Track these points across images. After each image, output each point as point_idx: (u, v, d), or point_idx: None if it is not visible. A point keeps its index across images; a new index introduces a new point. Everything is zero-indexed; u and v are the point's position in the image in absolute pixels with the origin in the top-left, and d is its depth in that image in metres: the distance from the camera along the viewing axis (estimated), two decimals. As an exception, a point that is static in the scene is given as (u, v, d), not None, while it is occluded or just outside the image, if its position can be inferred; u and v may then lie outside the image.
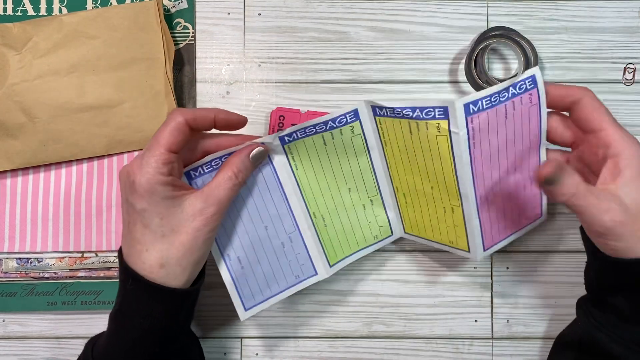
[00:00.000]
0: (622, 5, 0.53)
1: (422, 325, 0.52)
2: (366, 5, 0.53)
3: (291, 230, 0.46)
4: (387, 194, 0.48)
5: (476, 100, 0.39)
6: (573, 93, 0.41)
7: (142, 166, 0.38)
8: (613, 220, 0.38)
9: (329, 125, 0.43)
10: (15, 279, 0.50)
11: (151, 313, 0.39)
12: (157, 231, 0.39)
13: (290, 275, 0.46)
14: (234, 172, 0.40)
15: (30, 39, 0.49)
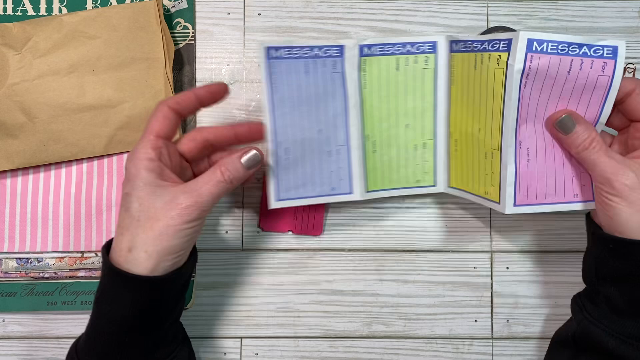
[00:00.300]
0: (622, 5, 0.53)
1: (422, 325, 0.52)
2: (366, 5, 0.53)
3: (341, 143, 0.46)
4: (441, 141, 0.48)
5: (542, 40, 0.39)
6: (627, 84, 0.42)
7: (132, 152, 0.40)
8: (621, 182, 0.39)
9: (406, 49, 0.44)
10: (15, 279, 0.50)
11: (118, 300, 0.39)
12: (134, 215, 0.39)
13: (328, 184, 0.46)
14: (222, 171, 0.40)
15: (30, 38, 0.49)
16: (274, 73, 0.43)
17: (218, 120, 0.52)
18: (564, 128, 0.41)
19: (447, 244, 0.52)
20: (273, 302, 0.52)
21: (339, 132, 0.45)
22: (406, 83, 0.46)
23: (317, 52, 0.43)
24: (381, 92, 0.46)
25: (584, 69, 0.40)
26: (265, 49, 0.42)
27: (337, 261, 0.52)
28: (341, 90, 0.45)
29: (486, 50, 0.41)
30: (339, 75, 0.44)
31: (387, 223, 0.52)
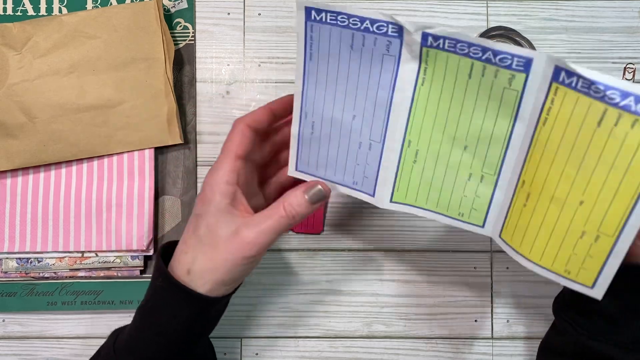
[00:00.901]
0: (622, 5, 0.53)
1: (422, 325, 0.52)
2: (366, 6, 0.53)
3: (376, 139, 0.39)
4: (506, 180, 0.37)
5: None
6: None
7: (213, 172, 0.39)
8: None
9: (486, 56, 0.34)
10: (15, 279, 0.50)
11: (175, 314, 0.39)
12: (201, 239, 0.39)
13: (350, 176, 0.41)
14: (284, 206, 0.39)
15: (30, 38, 0.49)
16: (312, 38, 0.37)
17: (217, 120, 0.52)
18: None
19: (447, 244, 0.52)
20: (273, 302, 0.52)
21: (375, 126, 0.39)
22: (477, 96, 0.35)
23: (367, 26, 0.35)
24: (443, 96, 0.36)
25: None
26: (304, 8, 0.36)
27: (337, 261, 0.52)
28: (390, 78, 0.37)
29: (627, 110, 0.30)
30: (392, 59, 0.36)
31: (387, 223, 0.52)
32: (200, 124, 0.52)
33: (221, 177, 0.39)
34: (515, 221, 0.37)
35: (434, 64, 0.35)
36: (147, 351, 0.40)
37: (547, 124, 0.34)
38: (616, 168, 0.32)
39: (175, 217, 0.51)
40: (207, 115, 0.52)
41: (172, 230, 0.51)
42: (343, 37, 0.36)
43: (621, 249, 0.33)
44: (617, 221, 0.33)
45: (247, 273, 0.40)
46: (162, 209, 0.51)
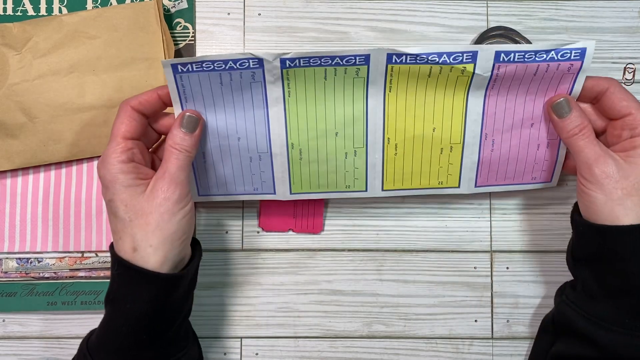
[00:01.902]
0: (622, 5, 0.53)
1: (422, 325, 0.52)
2: (366, 5, 0.53)
3: (263, 150, 0.46)
4: (373, 148, 0.47)
5: (509, 52, 0.40)
6: (601, 83, 0.43)
7: (104, 159, 0.40)
8: (600, 169, 0.40)
9: (335, 61, 0.42)
10: (15, 279, 0.50)
11: (136, 298, 0.39)
12: (124, 218, 0.40)
13: (250, 185, 0.48)
14: (171, 145, 0.41)
15: (30, 39, 0.49)
16: (183, 85, 0.42)
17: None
18: (560, 111, 0.43)
19: (447, 244, 0.52)
20: (273, 302, 0.52)
21: (260, 140, 0.46)
22: (334, 92, 0.44)
23: (231, 65, 0.41)
24: (307, 101, 0.45)
25: (550, 70, 0.42)
26: (170, 66, 0.41)
27: (337, 261, 0.52)
28: (262, 98, 0.44)
29: (447, 63, 0.42)
30: (259, 84, 0.43)
31: (387, 223, 0.52)
32: (200, 124, 0.52)
33: (113, 159, 0.40)
34: (392, 170, 0.48)
35: (294, 79, 0.43)
36: (117, 342, 0.40)
37: (391, 90, 0.44)
38: (447, 97, 0.44)
39: (175, 217, 0.51)
40: (207, 115, 0.52)
41: (172, 230, 0.51)
42: (211, 78, 0.42)
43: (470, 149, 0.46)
44: (460, 131, 0.46)
45: (189, 225, 0.41)
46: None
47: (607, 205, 0.40)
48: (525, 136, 0.46)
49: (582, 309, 0.42)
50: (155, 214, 0.39)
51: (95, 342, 0.41)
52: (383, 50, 0.42)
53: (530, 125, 0.46)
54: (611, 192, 0.40)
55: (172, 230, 0.39)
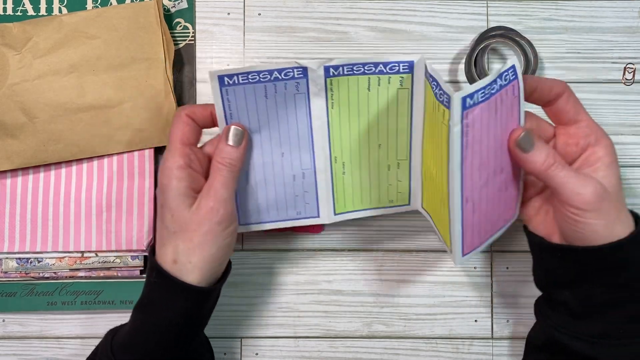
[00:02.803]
0: (622, 5, 0.53)
1: (422, 325, 0.52)
2: (366, 5, 0.53)
3: (307, 167, 0.45)
4: (416, 161, 0.46)
5: (473, 93, 0.37)
6: (557, 85, 0.41)
7: (162, 163, 0.41)
8: (595, 194, 0.38)
9: (378, 69, 0.41)
10: (15, 279, 0.50)
11: (170, 307, 0.40)
12: (169, 228, 0.40)
13: (292, 209, 0.46)
14: (218, 161, 0.41)
15: (30, 39, 0.49)
16: (229, 99, 0.41)
17: (218, 120, 0.52)
18: (525, 145, 0.39)
19: (447, 244, 0.52)
20: (273, 302, 0.52)
21: (303, 156, 0.44)
22: (378, 103, 0.43)
23: (277, 75, 0.41)
24: (350, 112, 0.44)
25: (503, 100, 0.39)
26: (216, 77, 0.40)
27: (337, 261, 0.52)
28: (305, 111, 0.43)
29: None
30: (303, 96, 0.42)
31: (387, 223, 0.52)
32: (200, 124, 0.52)
33: (171, 163, 0.40)
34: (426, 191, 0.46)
35: (338, 89, 0.42)
36: (144, 348, 0.40)
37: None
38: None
39: (175, 217, 0.51)
40: (207, 115, 0.52)
41: (172, 230, 0.51)
42: (257, 91, 0.41)
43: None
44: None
45: (229, 248, 0.41)
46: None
47: (608, 228, 0.38)
48: (498, 184, 0.42)
49: (573, 331, 0.41)
50: (199, 232, 0.39)
51: (120, 344, 0.41)
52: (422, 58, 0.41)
53: (501, 171, 0.42)
54: (609, 214, 0.38)
55: (212, 251, 0.40)
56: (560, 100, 0.41)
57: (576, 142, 0.41)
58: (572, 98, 0.41)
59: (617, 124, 0.52)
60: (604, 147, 0.41)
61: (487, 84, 0.38)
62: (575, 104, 0.41)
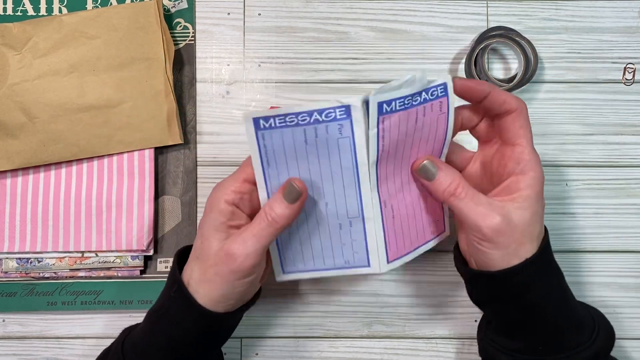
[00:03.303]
0: (622, 5, 0.53)
1: (422, 325, 0.52)
2: (366, 5, 0.53)
3: (354, 215, 0.40)
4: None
5: (390, 100, 0.36)
6: (511, 102, 0.40)
7: (218, 187, 0.40)
8: (490, 227, 0.38)
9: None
10: (15, 279, 0.50)
11: (184, 323, 0.40)
12: (196, 250, 0.40)
13: (340, 257, 0.42)
14: (265, 211, 0.38)
15: (30, 39, 0.49)
16: (265, 145, 0.38)
17: (217, 120, 0.52)
18: (427, 174, 0.40)
19: (447, 244, 0.52)
20: (273, 302, 0.52)
21: (350, 203, 0.40)
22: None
23: (317, 117, 0.37)
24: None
25: (427, 114, 0.39)
26: (252, 120, 0.37)
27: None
28: (350, 157, 0.38)
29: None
30: (347, 140, 0.38)
31: (387, 223, 0.52)
32: (200, 124, 0.52)
33: (222, 195, 0.39)
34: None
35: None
36: (154, 356, 0.40)
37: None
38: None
39: (175, 217, 0.51)
40: (207, 115, 0.52)
41: (172, 230, 0.51)
42: (295, 135, 0.37)
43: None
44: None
45: (245, 291, 0.40)
46: (162, 209, 0.51)
47: (504, 259, 0.39)
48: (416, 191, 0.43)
49: (500, 345, 0.42)
50: (212, 271, 0.39)
51: (130, 348, 0.41)
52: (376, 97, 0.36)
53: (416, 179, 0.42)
54: (507, 247, 0.38)
55: (221, 292, 0.39)
56: (507, 117, 0.40)
57: (505, 165, 0.41)
58: (520, 121, 0.40)
59: (617, 124, 0.52)
60: (529, 179, 0.39)
61: (409, 95, 0.37)
62: (520, 128, 0.40)
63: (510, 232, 0.38)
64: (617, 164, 0.52)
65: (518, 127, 0.40)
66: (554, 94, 0.53)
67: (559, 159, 0.52)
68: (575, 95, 0.53)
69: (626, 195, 0.52)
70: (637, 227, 0.52)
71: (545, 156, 0.52)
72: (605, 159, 0.52)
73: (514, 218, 0.38)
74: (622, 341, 0.52)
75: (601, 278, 0.52)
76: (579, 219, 0.52)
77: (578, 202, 0.52)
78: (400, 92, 0.37)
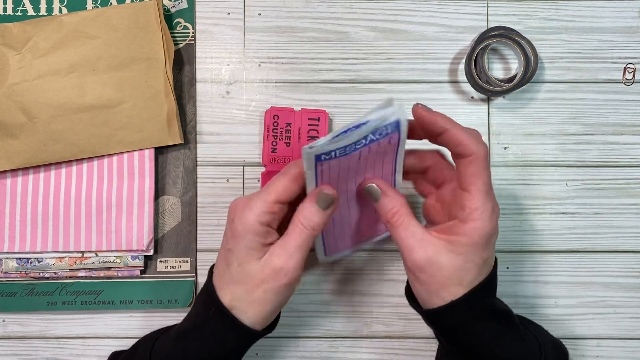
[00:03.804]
0: (622, 5, 0.53)
1: (422, 325, 0.52)
2: (366, 5, 0.53)
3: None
4: None
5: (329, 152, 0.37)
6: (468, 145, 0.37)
7: (245, 209, 0.39)
8: (413, 261, 0.38)
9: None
10: (15, 279, 0.50)
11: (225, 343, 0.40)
12: (233, 274, 0.40)
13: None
14: (299, 220, 0.39)
15: (30, 39, 0.49)
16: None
17: (217, 120, 0.52)
18: (372, 196, 0.40)
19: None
20: (273, 302, 0.52)
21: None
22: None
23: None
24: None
25: (372, 149, 0.39)
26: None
27: (337, 261, 0.52)
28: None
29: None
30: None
31: (387, 223, 0.52)
32: (200, 124, 0.52)
33: (255, 216, 0.39)
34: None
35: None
36: None
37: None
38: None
39: (176, 217, 0.51)
40: (207, 115, 0.52)
41: (172, 230, 0.51)
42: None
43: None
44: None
45: (287, 301, 0.41)
46: (162, 209, 0.51)
47: (427, 296, 0.39)
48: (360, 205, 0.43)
49: None
50: (261, 289, 0.39)
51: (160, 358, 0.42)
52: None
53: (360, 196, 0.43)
54: (428, 284, 0.38)
55: (269, 308, 0.40)
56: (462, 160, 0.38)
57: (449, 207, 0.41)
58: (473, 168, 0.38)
59: (617, 124, 0.52)
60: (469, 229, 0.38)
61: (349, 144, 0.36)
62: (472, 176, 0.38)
63: (433, 272, 0.38)
64: (617, 164, 0.52)
65: (470, 174, 0.38)
66: (554, 94, 0.53)
67: (559, 159, 0.52)
68: (575, 95, 0.53)
69: (626, 195, 0.52)
70: (637, 227, 0.52)
71: (546, 156, 0.52)
72: (605, 159, 0.52)
73: (441, 259, 0.38)
74: (623, 341, 0.52)
75: (601, 278, 0.52)
76: (579, 219, 0.52)
77: (578, 202, 0.52)
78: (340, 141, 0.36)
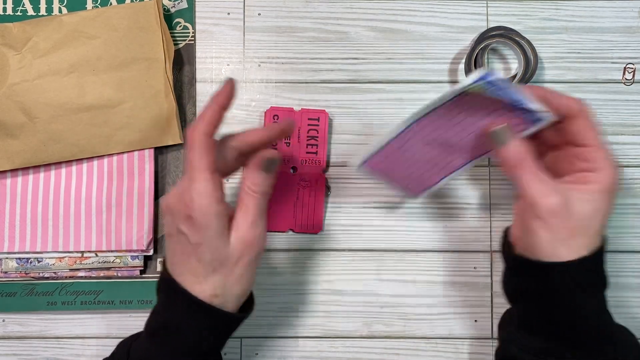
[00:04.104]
0: (622, 5, 0.53)
1: (422, 325, 0.52)
2: (366, 5, 0.53)
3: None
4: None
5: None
6: (571, 105, 0.39)
7: (194, 198, 0.37)
8: (546, 206, 0.37)
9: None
10: (15, 279, 0.50)
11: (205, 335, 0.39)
12: (208, 266, 0.38)
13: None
14: (248, 186, 0.39)
15: (30, 39, 0.49)
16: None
17: (218, 120, 0.52)
18: (497, 140, 0.39)
19: (447, 244, 0.52)
20: (273, 302, 0.52)
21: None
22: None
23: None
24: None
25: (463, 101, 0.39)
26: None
27: (337, 261, 0.52)
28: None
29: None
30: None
31: (387, 223, 0.52)
32: (200, 124, 0.52)
33: (208, 199, 0.37)
34: None
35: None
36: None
37: None
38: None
39: (175, 217, 0.51)
40: (207, 115, 0.52)
41: (172, 230, 0.51)
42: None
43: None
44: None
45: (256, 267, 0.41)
46: (162, 209, 0.51)
47: (551, 244, 0.37)
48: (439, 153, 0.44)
49: (524, 344, 0.40)
50: (240, 265, 0.39)
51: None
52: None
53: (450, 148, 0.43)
54: (558, 231, 0.37)
55: (252, 280, 0.40)
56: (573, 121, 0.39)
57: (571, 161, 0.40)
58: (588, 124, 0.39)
59: (617, 124, 0.52)
60: (600, 176, 0.39)
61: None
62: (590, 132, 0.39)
63: (566, 218, 0.37)
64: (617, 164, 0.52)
65: (586, 129, 0.39)
66: (554, 94, 0.53)
67: (559, 159, 0.52)
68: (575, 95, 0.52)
69: (626, 195, 0.52)
70: (637, 227, 0.52)
71: (545, 156, 0.52)
72: (605, 159, 0.52)
73: (573, 205, 0.37)
74: (622, 341, 0.52)
75: (601, 278, 0.52)
76: (579, 219, 0.52)
77: (578, 202, 0.52)
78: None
